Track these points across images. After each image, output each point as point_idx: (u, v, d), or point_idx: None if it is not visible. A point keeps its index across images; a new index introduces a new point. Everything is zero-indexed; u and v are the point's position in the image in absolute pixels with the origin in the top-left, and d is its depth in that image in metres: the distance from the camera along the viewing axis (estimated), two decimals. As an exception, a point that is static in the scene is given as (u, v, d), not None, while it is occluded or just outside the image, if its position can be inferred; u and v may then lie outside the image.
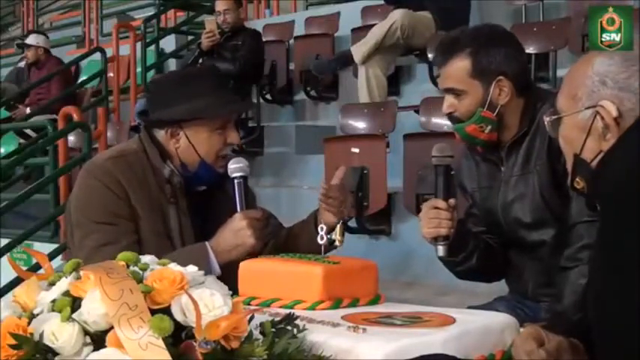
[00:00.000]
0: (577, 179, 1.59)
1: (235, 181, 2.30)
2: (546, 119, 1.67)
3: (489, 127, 2.28)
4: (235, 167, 2.31)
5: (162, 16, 8.68)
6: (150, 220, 2.29)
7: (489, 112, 2.26)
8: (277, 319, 1.57)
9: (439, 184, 2.22)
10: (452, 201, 2.22)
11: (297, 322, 1.58)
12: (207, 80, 2.38)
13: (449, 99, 2.31)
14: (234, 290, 1.85)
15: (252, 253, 2.24)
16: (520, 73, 2.29)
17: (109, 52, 7.46)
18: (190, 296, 1.37)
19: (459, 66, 2.27)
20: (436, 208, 2.20)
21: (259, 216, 2.29)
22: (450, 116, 2.34)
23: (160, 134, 2.37)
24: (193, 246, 2.29)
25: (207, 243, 2.26)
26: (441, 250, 2.24)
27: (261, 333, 1.49)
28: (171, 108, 2.33)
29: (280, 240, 2.49)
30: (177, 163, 2.35)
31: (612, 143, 1.47)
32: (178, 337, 1.36)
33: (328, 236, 2.09)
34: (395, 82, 5.65)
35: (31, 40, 7.86)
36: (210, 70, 2.56)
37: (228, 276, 1.98)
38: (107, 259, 2.04)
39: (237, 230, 2.24)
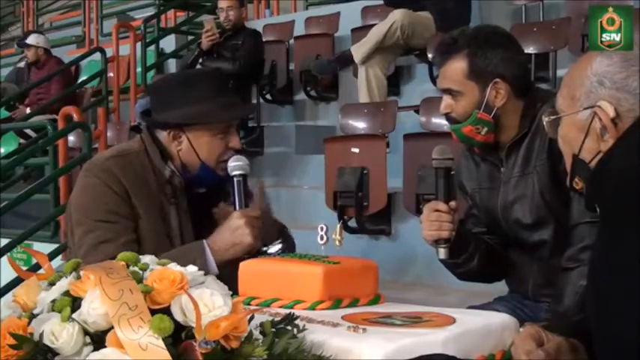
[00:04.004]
0: (576, 179, 1.59)
1: (235, 179, 2.30)
2: (545, 119, 1.67)
3: (485, 129, 2.28)
4: (235, 165, 2.31)
5: (163, 16, 8.68)
6: (150, 220, 2.29)
7: (486, 114, 2.27)
8: (277, 319, 1.57)
9: (440, 186, 2.22)
10: (452, 203, 2.22)
11: (297, 322, 1.58)
12: (210, 84, 2.38)
13: (446, 99, 2.32)
14: (234, 290, 1.85)
15: (250, 252, 2.24)
16: (518, 75, 2.29)
17: (109, 52, 7.46)
18: (190, 296, 1.37)
19: (456, 67, 2.28)
20: (437, 210, 2.21)
21: (257, 214, 2.29)
22: (447, 117, 2.34)
23: (163, 135, 2.37)
24: (191, 244, 2.30)
25: (204, 241, 2.27)
26: (442, 252, 2.24)
27: (261, 333, 1.48)
28: (174, 111, 2.33)
29: None
30: (179, 164, 2.36)
31: (611, 144, 1.47)
32: (178, 337, 1.36)
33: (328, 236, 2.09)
34: (395, 82, 5.65)
35: (31, 40, 7.86)
36: (213, 73, 2.56)
37: (228, 276, 1.98)
38: (105, 257, 2.06)
39: (234, 229, 2.24)
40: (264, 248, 2.24)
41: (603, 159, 1.47)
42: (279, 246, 2.37)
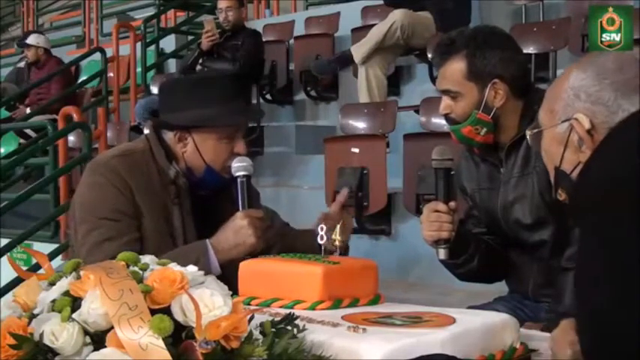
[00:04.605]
0: (559, 191, 1.63)
1: (238, 180, 2.30)
2: (528, 133, 1.71)
3: (485, 130, 2.28)
4: (239, 166, 2.31)
5: (163, 16, 8.69)
6: (153, 219, 2.30)
7: (485, 115, 2.27)
8: (277, 319, 1.57)
9: (439, 187, 2.22)
10: (452, 204, 2.22)
11: (297, 322, 1.58)
12: (220, 88, 2.38)
13: (445, 100, 2.32)
14: (235, 290, 1.85)
15: (253, 252, 2.24)
16: (517, 76, 2.29)
17: (109, 52, 7.47)
18: (191, 296, 1.37)
19: (455, 68, 2.28)
20: (437, 211, 2.21)
21: (261, 215, 2.30)
22: (446, 117, 2.34)
23: (169, 136, 2.38)
24: (194, 243, 2.30)
25: (207, 241, 2.27)
26: (442, 253, 2.24)
27: (261, 333, 1.48)
28: (181, 112, 2.34)
29: (287, 243, 2.49)
30: (183, 165, 2.36)
31: (588, 154, 1.50)
32: (178, 337, 1.36)
33: (328, 236, 2.08)
34: (395, 82, 5.65)
35: (31, 40, 7.87)
36: (224, 78, 2.56)
37: (231, 276, 1.98)
38: (108, 255, 2.07)
39: (237, 229, 2.25)
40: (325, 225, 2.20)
41: (582, 170, 1.50)
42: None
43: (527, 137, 1.72)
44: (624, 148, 1.32)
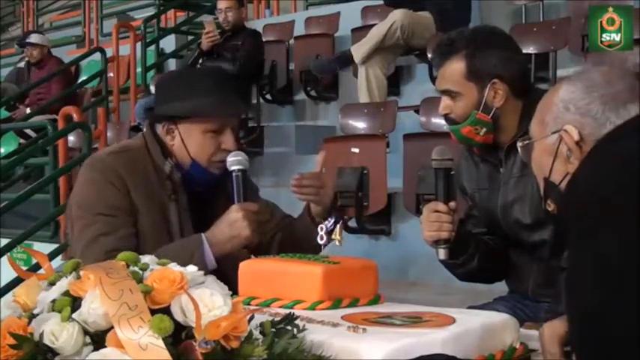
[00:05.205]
0: (548, 202, 1.65)
1: (234, 174, 2.30)
2: (519, 144, 1.74)
3: (484, 130, 2.28)
4: (234, 160, 2.31)
5: (163, 16, 8.69)
6: (149, 215, 2.30)
7: (484, 115, 2.27)
8: (277, 319, 1.57)
9: (439, 187, 2.22)
10: (452, 204, 2.22)
11: (297, 322, 1.58)
12: (208, 81, 2.38)
13: (445, 100, 2.32)
14: (232, 286, 1.85)
15: (249, 246, 2.24)
16: (517, 76, 2.29)
17: (109, 52, 7.47)
18: (190, 296, 1.37)
19: (455, 68, 2.28)
20: (437, 211, 2.21)
21: (256, 208, 2.29)
22: (446, 117, 2.34)
23: (159, 129, 2.39)
24: (189, 237, 2.30)
25: (202, 234, 2.27)
26: (442, 253, 2.24)
27: (261, 333, 1.48)
28: (167, 104, 2.36)
29: (286, 233, 2.50)
30: (174, 160, 2.36)
31: (576, 165, 1.53)
32: (178, 337, 1.36)
33: (328, 235, 2.08)
34: (395, 82, 5.65)
35: (32, 39, 7.87)
36: (214, 72, 2.57)
37: (226, 270, 1.98)
38: (104, 250, 2.08)
39: (232, 222, 2.25)
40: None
41: (570, 180, 1.52)
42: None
43: (519, 149, 1.75)
44: (610, 159, 1.35)
